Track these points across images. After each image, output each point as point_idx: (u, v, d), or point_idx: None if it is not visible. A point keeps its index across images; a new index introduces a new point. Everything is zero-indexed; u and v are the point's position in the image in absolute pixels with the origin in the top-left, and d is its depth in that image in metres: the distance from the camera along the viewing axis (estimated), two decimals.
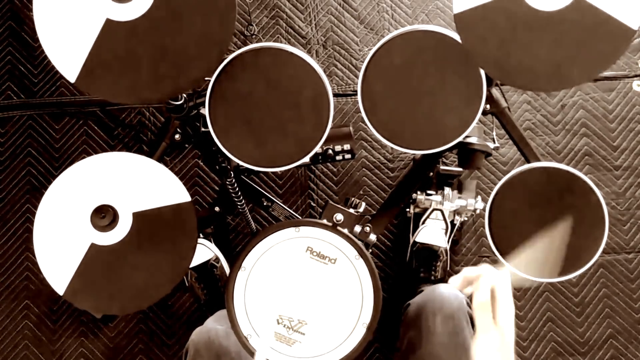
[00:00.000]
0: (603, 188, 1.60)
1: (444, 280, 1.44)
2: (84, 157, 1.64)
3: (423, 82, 0.99)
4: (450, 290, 1.11)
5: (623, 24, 0.86)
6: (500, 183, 1.00)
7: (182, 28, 0.85)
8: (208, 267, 1.45)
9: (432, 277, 1.42)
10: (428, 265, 1.43)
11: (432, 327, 1.04)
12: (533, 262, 0.95)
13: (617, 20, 0.86)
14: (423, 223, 1.45)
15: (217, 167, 1.18)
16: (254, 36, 1.69)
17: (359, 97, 0.99)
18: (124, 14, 0.83)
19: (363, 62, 0.97)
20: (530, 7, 0.87)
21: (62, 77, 0.88)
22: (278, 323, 0.96)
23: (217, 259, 1.47)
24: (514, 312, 0.72)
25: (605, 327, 1.53)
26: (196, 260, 1.42)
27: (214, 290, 1.47)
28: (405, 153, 1.60)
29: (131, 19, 0.83)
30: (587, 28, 0.87)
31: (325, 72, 1.65)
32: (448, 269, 1.47)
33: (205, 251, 1.45)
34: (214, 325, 1.11)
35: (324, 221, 0.99)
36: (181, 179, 1.59)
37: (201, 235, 1.48)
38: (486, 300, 0.71)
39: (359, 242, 0.96)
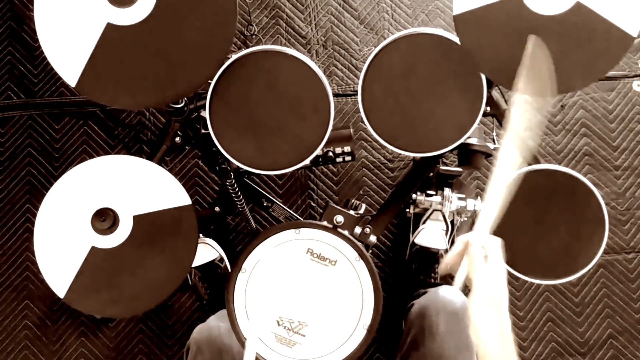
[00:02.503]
0: (603, 188, 1.60)
1: (446, 282, 1.44)
2: (84, 157, 1.66)
3: (423, 84, 0.99)
4: (453, 292, 1.11)
5: (622, 30, 0.86)
6: None
7: (183, 32, 0.85)
8: (212, 266, 1.45)
9: (432, 280, 1.42)
10: (427, 268, 1.42)
11: (435, 326, 1.05)
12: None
13: (616, 26, 0.86)
14: (423, 224, 1.45)
15: (217, 168, 1.18)
16: (254, 36, 1.68)
17: (359, 99, 0.99)
18: (125, 19, 0.83)
19: (363, 62, 0.97)
20: (530, 11, 0.87)
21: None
22: (278, 325, 0.96)
23: (221, 259, 1.47)
24: (506, 273, 0.74)
25: (605, 327, 1.54)
26: (201, 260, 1.42)
27: (217, 290, 1.47)
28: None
29: (132, 23, 0.83)
30: (586, 33, 0.87)
31: (325, 72, 1.66)
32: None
33: (210, 250, 1.45)
34: (216, 322, 1.11)
35: (324, 223, 0.99)
36: (181, 178, 1.61)
37: (201, 235, 1.47)
38: (480, 258, 0.73)
39: (359, 244, 0.96)
